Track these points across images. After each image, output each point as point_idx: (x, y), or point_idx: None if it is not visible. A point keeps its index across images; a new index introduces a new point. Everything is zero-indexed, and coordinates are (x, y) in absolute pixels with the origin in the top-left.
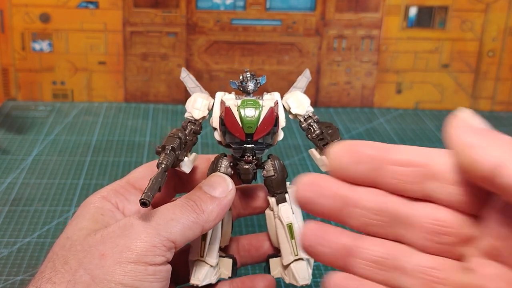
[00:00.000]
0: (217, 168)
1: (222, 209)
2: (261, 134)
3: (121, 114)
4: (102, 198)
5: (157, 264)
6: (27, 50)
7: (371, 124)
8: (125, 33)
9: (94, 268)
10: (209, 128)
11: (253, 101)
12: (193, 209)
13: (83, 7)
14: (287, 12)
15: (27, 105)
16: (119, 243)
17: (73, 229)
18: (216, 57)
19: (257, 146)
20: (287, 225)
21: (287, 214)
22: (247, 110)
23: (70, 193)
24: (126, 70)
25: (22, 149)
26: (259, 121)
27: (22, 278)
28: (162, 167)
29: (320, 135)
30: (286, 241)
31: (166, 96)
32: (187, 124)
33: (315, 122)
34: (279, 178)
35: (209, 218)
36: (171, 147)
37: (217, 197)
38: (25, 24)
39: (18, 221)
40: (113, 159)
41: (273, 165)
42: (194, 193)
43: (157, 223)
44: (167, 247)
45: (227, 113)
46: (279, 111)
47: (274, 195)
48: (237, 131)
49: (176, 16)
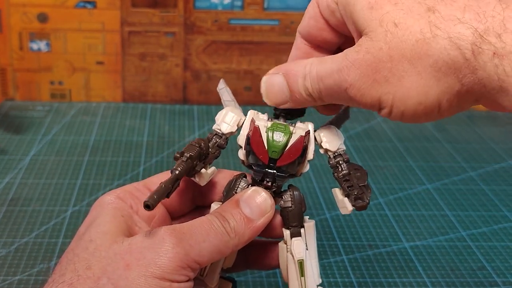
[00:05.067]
0: (234, 188)
1: (255, 233)
2: (285, 161)
3: (119, 114)
4: (118, 198)
5: (180, 282)
6: (25, 50)
7: (369, 124)
8: (123, 33)
9: (118, 278)
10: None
11: (285, 126)
12: (227, 232)
13: (81, 7)
14: (285, 12)
15: (25, 105)
16: (147, 256)
17: (96, 231)
18: (214, 57)
19: (279, 173)
20: (298, 261)
21: (299, 249)
22: (276, 134)
23: (68, 193)
24: (124, 70)
25: (20, 149)
26: (286, 147)
27: (19, 278)
28: (176, 173)
29: (347, 175)
30: (295, 278)
31: (164, 96)
32: (212, 137)
33: (345, 161)
34: (296, 210)
35: (240, 241)
36: (189, 155)
37: (253, 219)
38: (23, 24)
39: (16, 221)
40: (111, 159)
41: (292, 195)
42: (229, 209)
43: (189, 244)
44: (192, 268)
45: (255, 133)
46: (310, 142)
47: (289, 228)
48: (261, 153)
49: (174, 16)
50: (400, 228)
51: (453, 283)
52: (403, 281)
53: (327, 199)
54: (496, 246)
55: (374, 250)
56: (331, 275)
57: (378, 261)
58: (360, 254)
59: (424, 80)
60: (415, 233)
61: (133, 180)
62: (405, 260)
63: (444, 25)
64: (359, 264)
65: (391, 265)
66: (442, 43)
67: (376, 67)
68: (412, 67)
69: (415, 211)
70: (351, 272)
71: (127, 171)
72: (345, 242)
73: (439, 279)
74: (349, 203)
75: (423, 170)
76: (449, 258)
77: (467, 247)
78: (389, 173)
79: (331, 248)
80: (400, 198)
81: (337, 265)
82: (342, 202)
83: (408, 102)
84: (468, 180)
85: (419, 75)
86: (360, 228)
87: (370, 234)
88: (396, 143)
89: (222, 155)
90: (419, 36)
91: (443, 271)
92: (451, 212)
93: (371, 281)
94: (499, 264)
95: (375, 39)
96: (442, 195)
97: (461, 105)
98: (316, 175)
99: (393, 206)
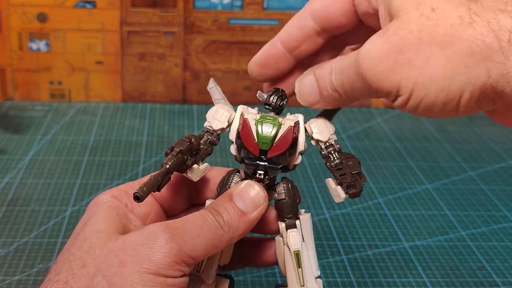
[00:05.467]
0: (228, 183)
1: (249, 226)
2: (275, 152)
3: (118, 114)
4: (114, 198)
5: (175, 277)
6: (25, 50)
7: (369, 124)
8: (122, 33)
9: (112, 275)
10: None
11: (273, 117)
12: (221, 226)
13: (80, 7)
14: (285, 12)
15: (25, 105)
16: (141, 252)
17: (91, 230)
18: (214, 56)
19: (271, 165)
20: (294, 253)
21: (295, 241)
22: (265, 126)
23: (67, 193)
24: (123, 70)
25: (19, 149)
26: (275, 138)
27: (19, 278)
28: (166, 167)
29: (339, 164)
30: (292, 269)
31: (164, 96)
32: (204, 134)
33: (336, 151)
34: (290, 202)
35: (234, 235)
36: (179, 149)
37: (246, 213)
38: (23, 24)
39: (15, 221)
40: (110, 159)
41: (285, 188)
42: (222, 203)
43: (182, 239)
44: (187, 263)
45: (244, 126)
46: (300, 133)
47: (284, 220)
48: (252, 146)
49: (174, 15)
50: (399, 228)
51: (452, 283)
52: (402, 281)
53: (326, 199)
54: (495, 246)
55: (373, 250)
56: (331, 275)
57: (378, 261)
58: (359, 254)
59: (452, 65)
60: (414, 233)
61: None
62: (404, 260)
63: (484, 13)
64: (358, 264)
65: (390, 265)
66: (479, 29)
67: (400, 49)
68: (442, 51)
69: (414, 211)
70: (351, 272)
71: (127, 171)
72: (345, 242)
73: (439, 279)
74: (342, 191)
75: (423, 170)
76: (449, 258)
77: (466, 247)
78: (388, 173)
79: (330, 248)
80: (399, 198)
81: (336, 265)
82: (335, 190)
83: (430, 87)
84: (467, 180)
85: (448, 59)
86: (360, 228)
87: (369, 234)
88: (395, 143)
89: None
90: (455, 21)
91: (443, 271)
92: (450, 212)
93: (370, 281)
94: (498, 264)
95: (406, 22)
96: (441, 195)
97: (480, 102)
98: (316, 175)
99: (392, 206)
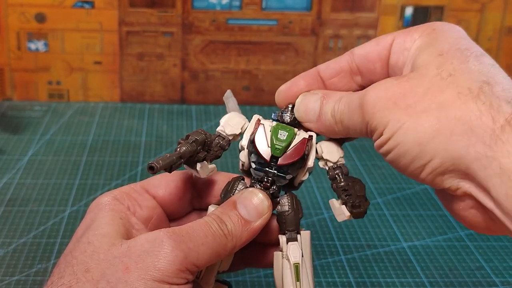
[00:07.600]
0: (232, 190)
1: (252, 235)
2: (286, 161)
3: (117, 114)
4: (115, 200)
5: (180, 285)
6: (23, 50)
7: None
8: (121, 33)
9: (117, 281)
10: None
11: (289, 127)
12: (225, 234)
13: (78, 7)
14: (283, 12)
15: (23, 105)
16: (146, 259)
17: (95, 234)
18: (212, 56)
19: (280, 173)
20: (294, 265)
21: (295, 253)
22: (280, 132)
23: (65, 193)
24: (122, 70)
25: (18, 149)
26: (288, 146)
27: (17, 278)
28: (180, 151)
29: (346, 186)
30: (290, 283)
31: (162, 96)
32: (216, 137)
33: (343, 174)
34: (293, 215)
35: (237, 244)
36: (194, 138)
37: (250, 221)
38: (21, 24)
39: (13, 222)
40: (108, 159)
41: (289, 200)
42: (226, 211)
43: (188, 247)
44: (191, 271)
45: (259, 130)
46: (311, 147)
47: (285, 233)
48: (264, 151)
49: (172, 15)
50: (398, 228)
51: (451, 283)
52: (401, 281)
53: (325, 199)
54: (494, 246)
55: (372, 250)
56: (330, 275)
57: (377, 261)
58: (358, 254)
59: (439, 126)
60: (413, 233)
61: (131, 180)
62: (403, 260)
63: (491, 96)
64: (357, 264)
65: (389, 265)
66: (480, 107)
67: (405, 94)
68: (438, 110)
69: (413, 211)
70: (350, 272)
71: (125, 171)
72: (344, 242)
73: (437, 279)
74: (346, 210)
75: None
76: (448, 258)
77: (465, 247)
78: (387, 172)
79: (329, 248)
80: (398, 198)
81: (335, 265)
82: (339, 209)
83: (410, 136)
84: None
85: (438, 120)
86: (359, 228)
87: (368, 234)
88: None
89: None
90: (463, 91)
91: (441, 271)
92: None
93: (369, 281)
94: (497, 264)
95: (423, 75)
96: None
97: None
98: (315, 175)
99: (391, 206)
